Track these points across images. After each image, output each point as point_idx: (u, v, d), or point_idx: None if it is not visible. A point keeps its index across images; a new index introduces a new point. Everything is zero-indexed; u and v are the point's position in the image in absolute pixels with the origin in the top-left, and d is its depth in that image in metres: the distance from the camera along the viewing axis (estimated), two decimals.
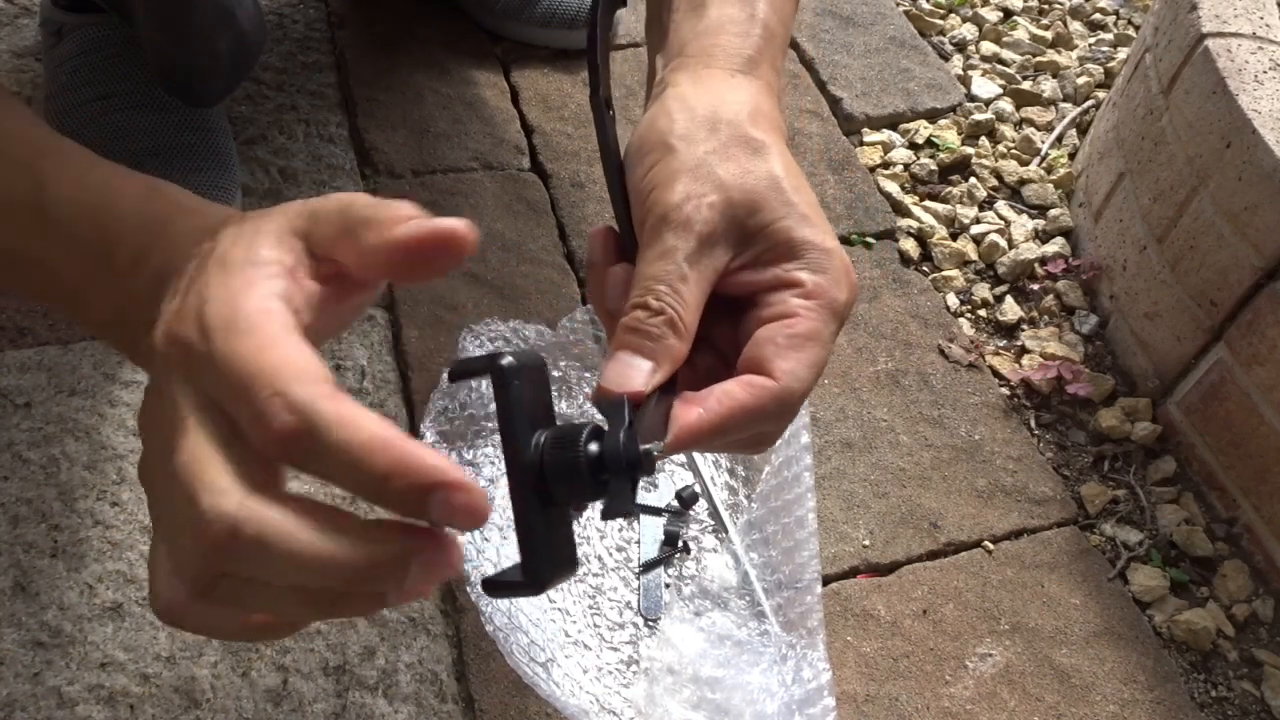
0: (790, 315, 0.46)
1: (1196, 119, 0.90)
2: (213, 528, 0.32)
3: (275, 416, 0.32)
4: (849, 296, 0.47)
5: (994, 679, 0.78)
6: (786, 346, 0.45)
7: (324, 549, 0.33)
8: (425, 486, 0.32)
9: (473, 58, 1.17)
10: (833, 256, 0.47)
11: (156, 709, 0.67)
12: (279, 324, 0.35)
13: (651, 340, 0.44)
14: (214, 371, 0.34)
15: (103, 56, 0.93)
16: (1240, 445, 0.87)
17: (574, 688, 0.71)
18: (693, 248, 0.45)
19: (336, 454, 0.32)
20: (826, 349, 0.46)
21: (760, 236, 0.47)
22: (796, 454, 0.83)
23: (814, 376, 0.45)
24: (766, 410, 0.44)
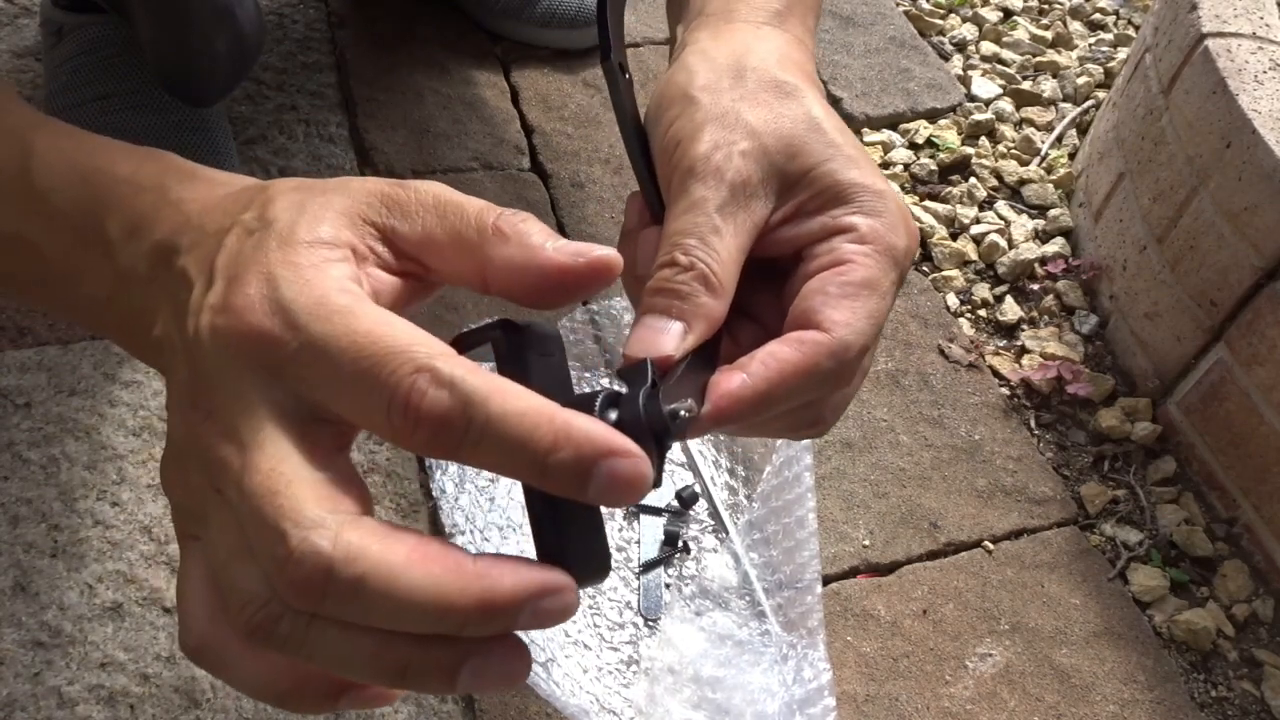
0: (843, 262, 0.40)
1: (1196, 119, 0.90)
2: (302, 568, 0.28)
3: (425, 395, 0.28)
4: (908, 243, 0.42)
5: (994, 679, 0.78)
6: (839, 296, 0.39)
7: (432, 589, 0.28)
8: (592, 457, 0.29)
9: (473, 58, 1.17)
10: (887, 199, 0.42)
11: (156, 709, 0.67)
12: (376, 306, 0.31)
13: (680, 299, 0.39)
14: (318, 360, 0.29)
15: (103, 56, 0.93)
16: (1240, 445, 0.87)
17: (574, 688, 0.71)
18: (725, 198, 0.40)
19: (497, 430, 0.28)
20: (886, 301, 0.40)
21: (802, 183, 0.42)
22: (796, 454, 0.83)
23: (873, 330, 0.40)
24: (821, 369, 0.38)
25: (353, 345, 0.29)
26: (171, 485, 0.33)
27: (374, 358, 0.29)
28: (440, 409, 0.28)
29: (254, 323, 0.30)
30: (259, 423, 0.30)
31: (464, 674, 0.29)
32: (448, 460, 0.30)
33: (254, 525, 0.29)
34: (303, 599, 0.28)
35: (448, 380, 0.28)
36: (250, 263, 0.31)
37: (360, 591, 0.28)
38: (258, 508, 0.28)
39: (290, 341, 0.30)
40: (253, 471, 0.29)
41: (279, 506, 0.28)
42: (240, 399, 0.30)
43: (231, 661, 0.31)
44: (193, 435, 0.31)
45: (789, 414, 0.40)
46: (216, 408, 0.31)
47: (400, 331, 0.29)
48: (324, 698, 0.32)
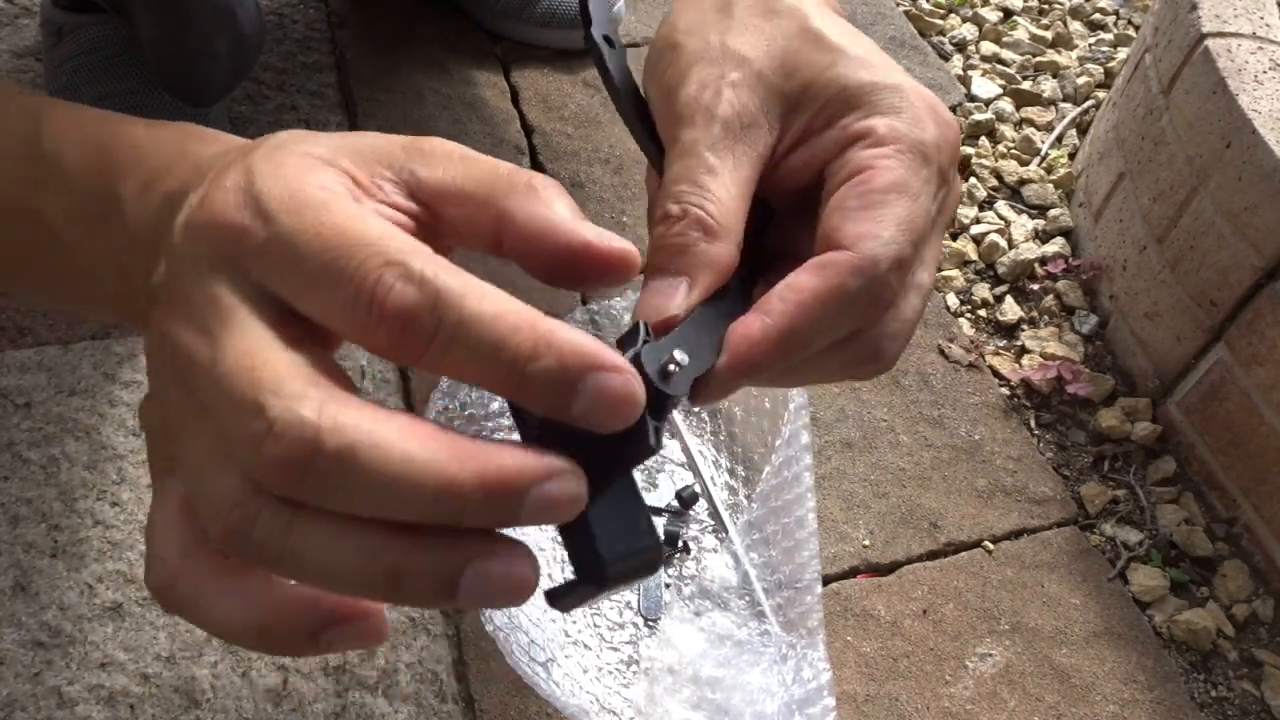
0: (862, 169, 0.36)
1: (1196, 119, 0.90)
2: (284, 440, 0.25)
3: (391, 289, 0.26)
4: (939, 134, 0.37)
5: (994, 679, 0.78)
6: (860, 207, 0.35)
7: (429, 462, 0.25)
8: (578, 368, 0.26)
9: (473, 58, 1.17)
10: (905, 92, 0.37)
11: (156, 709, 0.67)
12: (354, 203, 0.28)
13: (679, 252, 0.35)
14: (284, 253, 0.27)
15: (103, 56, 0.93)
16: (1240, 445, 0.87)
17: (574, 687, 0.71)
18: (717, 135, 0.36)
19: (469, 331, 0.26)
20: (920, 203, 0.35)
21: (806, 98, 0.37)
22: (796, 454, 0.83)
23: (906, 237, 0.35)
24: (848, 292, 0.34)
25: (318, 238, 0.27)
26: (149, 417, 0.31)
27: (340, 249, 0.26)
28: (406, 303, 0.26)
29: (223, 215, 0.28)
30: (229, 312, 0.27)
31: (466, 580, 0.26)
32: (420, 369, 0.28)
33: (228, 409, 0.26)
34: (284, 479, 0.25)
35: (418, 276, 0.26)
36: (234, 164, 0.30)
37: (349, 466, 0.25)
38: (231, 387, 0.26)
39: (258, 233, 0.28)
40: (225, 353, 0.27)
41: (256, 379, 0.26)
42: (208, 290, 0.28)
43: (203, 597, 0.29)
44: (166, 343, 0.29)
45: (838, 349, 0.36)
46: (186, 303, 0.28)
47: (373, 226, 0.27)
48: (306, 634, 0.29)
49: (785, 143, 0.38)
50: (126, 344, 0.84)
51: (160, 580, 0.29)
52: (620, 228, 1.02)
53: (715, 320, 0.35)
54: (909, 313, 0.37)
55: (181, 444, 0.28)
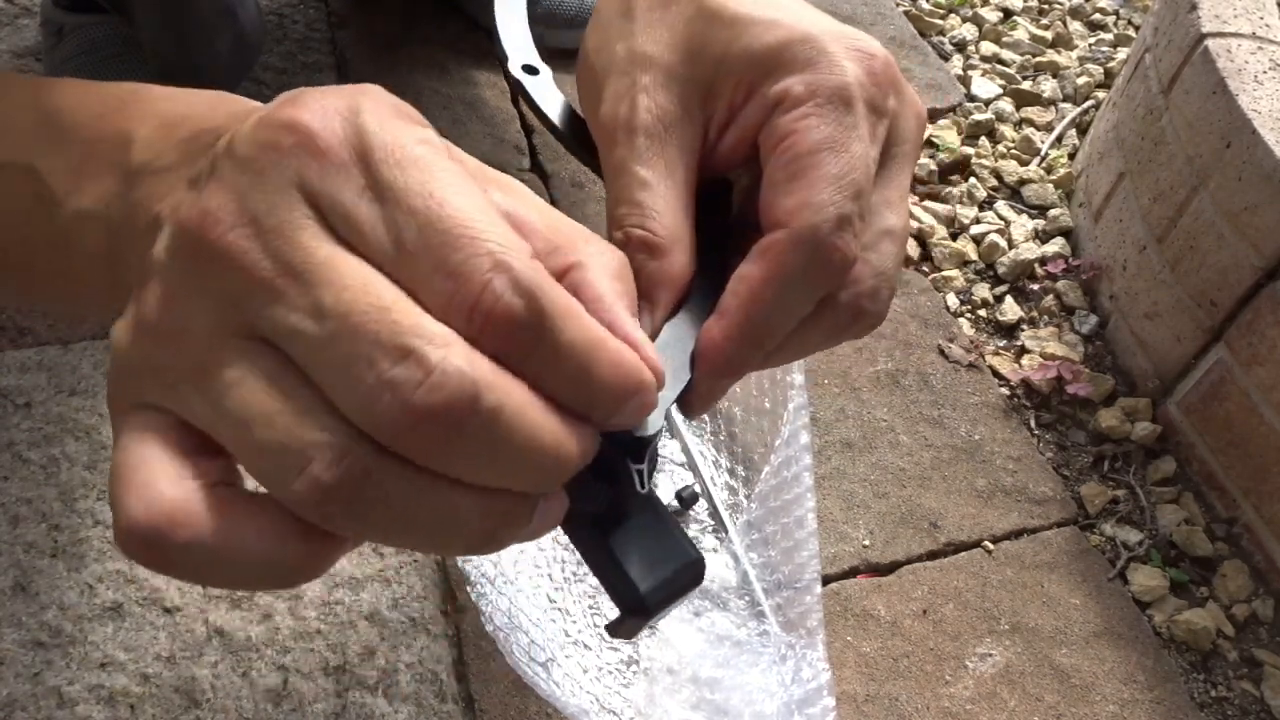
0: (785, 137, 0.34)
1: (1196, 119, 0.90)
2: (443, 391, 0.23)
3: (499, 298, 0.24)
4: (860, 70, 0.35)
5: (994, 679, 0.78)
6: (788, 178, 0.33)
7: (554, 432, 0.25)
8: (633, 390, 0.26)
9: (473, 58, 1.17)
10: (817, 40, 0.35)
11: (156, 709, 0.67)
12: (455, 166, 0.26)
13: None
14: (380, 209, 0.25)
15: (103, 56, 0.93)
16: (1240, 445, 0.87)
17: (574, 687, 0.71)
18: (641, 146, 0.35)
19: (562, 352, 0.25)
20: (850, 151, 0.34)
21: (720, 78, 0.36)
22: (796, 454, 0.83)
23: (842, 194, 0.33)
24: (793, 269, 0.33)
25: (424, 209, 0.24)
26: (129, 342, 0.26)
27: (450, 233, 0.24)
28: (512, 316, 0.24)
29: (317, 130, 0.25)
30: (318, 242, 0.24)
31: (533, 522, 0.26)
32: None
33: (354, 348, 0.23)
34: (426, 432, 0.23)
35: (526, 288, 0.24)
36: (326, 89, 0.27)
37: (494, 427, 0.23)
38: (361, 324, 0.23)
39: (354, 173, 0.25)
40: (340, 286, 0.24)
41: (395, 321, 0.23)
42: (291, 213, 0.25)
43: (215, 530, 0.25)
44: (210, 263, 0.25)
45: (815, 321, 0.35)
46: (255, 219, 0.25)
47: (476, 207, 0.25)
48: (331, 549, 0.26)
49: (714, 128, 0.36)
50: None
51: (142, 517, 0.24)
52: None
53: (685, 332, 0.34)
54: (885, 263, 0.36)
55: (218, 385, 0.25)
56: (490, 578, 0.75)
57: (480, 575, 0.75)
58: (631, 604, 0.29)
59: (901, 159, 0.37)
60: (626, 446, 0.29)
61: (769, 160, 0.34)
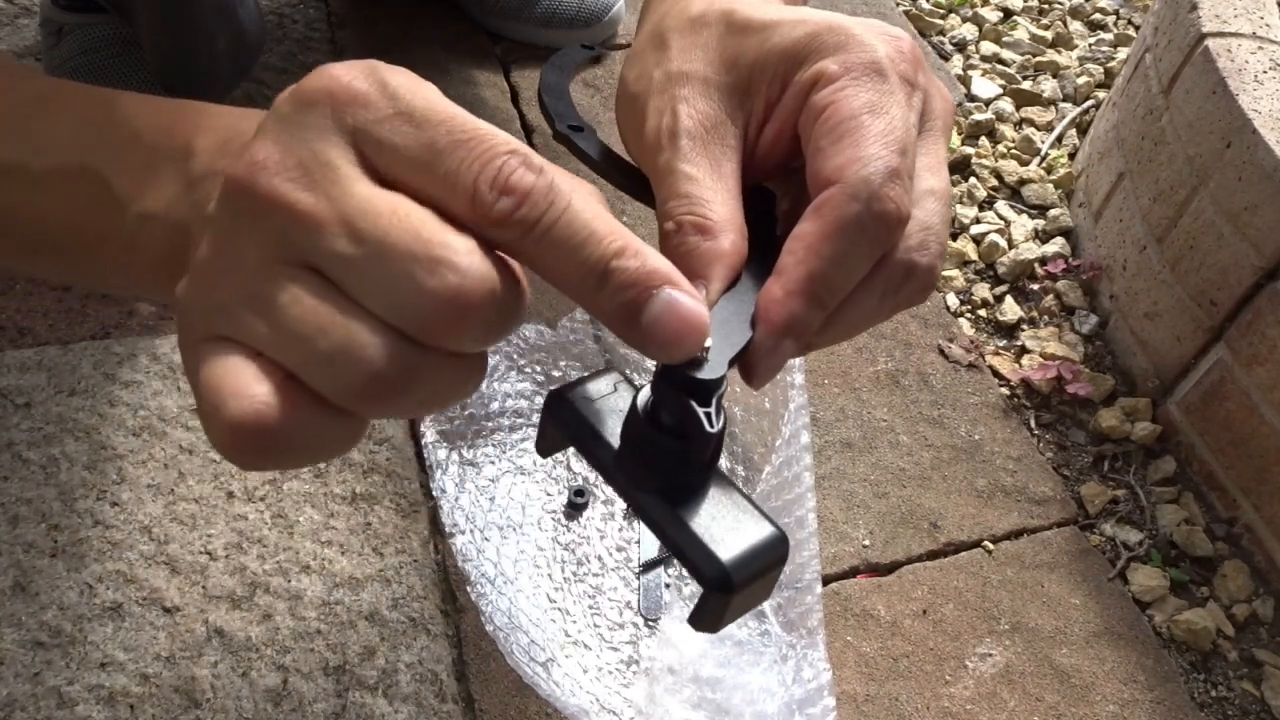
0: (822, 109, 0.36)
1: (1196, 119, 0.90)
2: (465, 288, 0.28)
3: (515, 170, 0.29)
4: (890, 47, 0.37)
5: (994, 679, 0.78)
6: (830, 143, 0.35)
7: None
8: (659, 278, 0.29)
9: (473, 58, 1.17)
10: (843, 28, 0.37)
11: (156, 709, 0.67)
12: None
13: (685, 258, 0.36)
14: (409, 126, 0.29)
15: (103, 56, 0.93)
16: (1240, 445, 0.87)
17: (574, 687, 0.71)
18: (685, 147, 0.37)
19: (574, 219, 0.29)
20: (890, 113, 0.35)
21: (755, 78, 0.38)
22: (796, 454, 0.83)
23: (888, 149, 0.34)
24: (851, 220, 0.33)
25: (451, 119, 0.29)
26: (196, 294, 0.30)
27: (471, 133, 0.29)
28: (526, 184, 0.29)
29: (346, 82, 0.29)
30: (357, 175, 0.29)
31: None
32: (512, 249, 0.30)
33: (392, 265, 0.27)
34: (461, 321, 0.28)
35: (538, 165, 0.29)
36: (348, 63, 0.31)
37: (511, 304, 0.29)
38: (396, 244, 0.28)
39: (385, 107, 0.29)
40: (375, 214, 0.28)
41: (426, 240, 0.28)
42: (325, 153, 0.29)
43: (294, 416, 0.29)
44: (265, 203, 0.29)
45: (871, 282, 0.35)
46: (298, 165, 0.29)
47: (483, 122, 0.30)
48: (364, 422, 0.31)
49: (753, 125, 0.39)
50: (126, 344, 0.84)
51: (251, 410, 0.28)
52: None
53: (741, 306, 0.35)
54: (931, 219, 0.36)
55: (274, 311, 0.28)
56: (490, 578, 0.75)
57: (480, 575, 0.75)
58: (715, 577, 0.28)
59: (936, 132, 0.38)
60: (689, 388, 0.31)
61: (810, 134, 0.36)
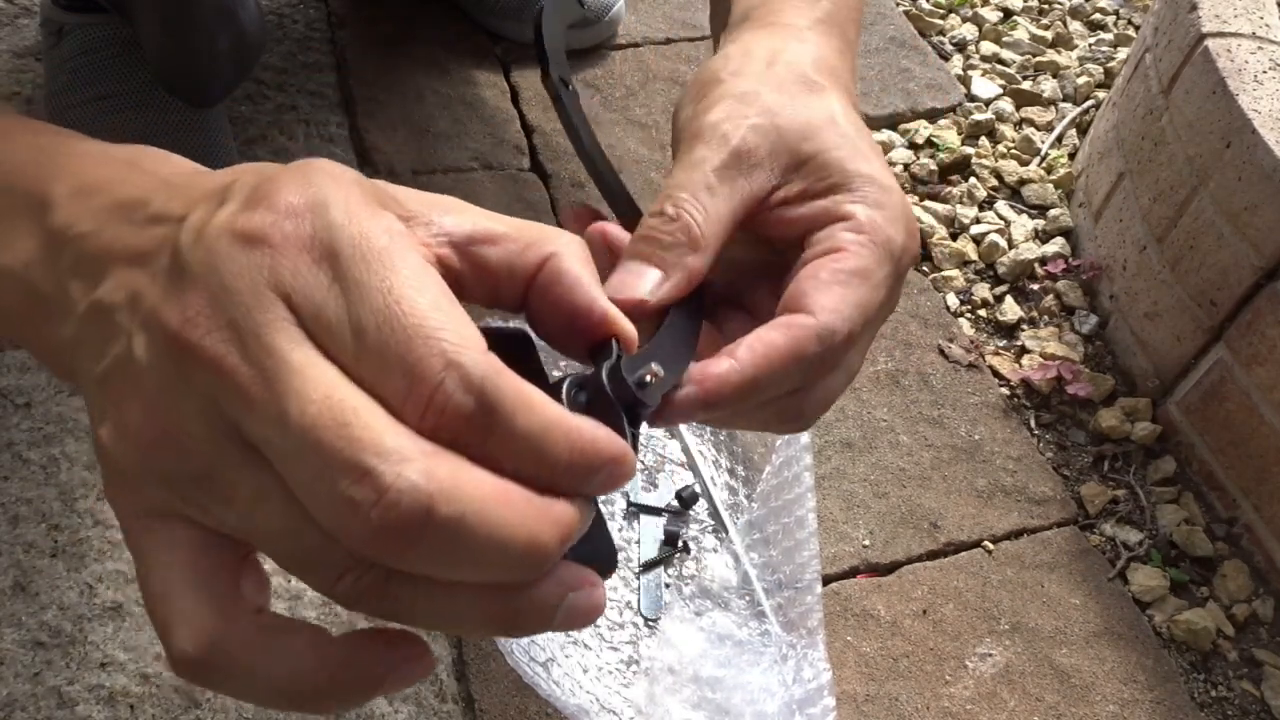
0: (838, 249, 0.40)
1: (1196, 119, 0.90)
2: (397, 510, 0.24)
3: (450, 397, 0.25)
4: (906, 241, 0.41)
5: (994, 679, 0.78)
6: (830, 282, 0.39)
7: (518, 527, 0.25)
8: (597, 466, 0.27)
9: (473, 58, 1.17)
10: (891, 194, 0.42)
11: (156, 709, 0.67)
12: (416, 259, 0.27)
13: (662, 248, 0.39)
14: (343, 311, 0.26)
15: (103, 56, 0.93)
16: (1240, 445, 0.87)
17: (574, 687, 0.71)
18: (725, 160, 0.40)
19: (515, 442, 0.26)
20: (877, 292, 0.40)
21: (810, 166, 0.42)
22: (796, 454, 0.83)
23: (860, 318, 0.39)
24: (807, 354, 0.37)
25: (384, 306, 0.25)
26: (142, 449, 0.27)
27: (403, 333, 0.25)
28: (462, 414, 0.25)
29: (290, 240, 0.26)
30: (293, 345, 0.25)
31: (562, 610, 0.27)
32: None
33: (317, 465, 0.24)
34: (389, 549, 0.24)
35: (477, 385, 0.25)
36: (284, 179, 0.27)
37: (459, 533, 0.24)
38: (321, 441, 0.24)
39: (325, 272, 0.26)
40: (305, 399, 0.24)
41: (354, 438, 0.24)
42: (266, 315, 0.25)
43: (257, 659, 0.27)
44: (193, 367, 0.25)
45: (772, 404, 0.40)
46: (241, 328, 0.25)
47: (431, 302, 0.26)
48: (373, 682, 0.28)
49: (779, 194, 0.42)
50: None
51: (197, 646, 0.26)
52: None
53: (682, 335, 0.38)
54: (835, 386, 0.42)
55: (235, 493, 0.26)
56: None
57: None
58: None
59: (878, 322, 0.43)
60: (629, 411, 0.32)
61: (814, 258, 0.40)
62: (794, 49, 0.45)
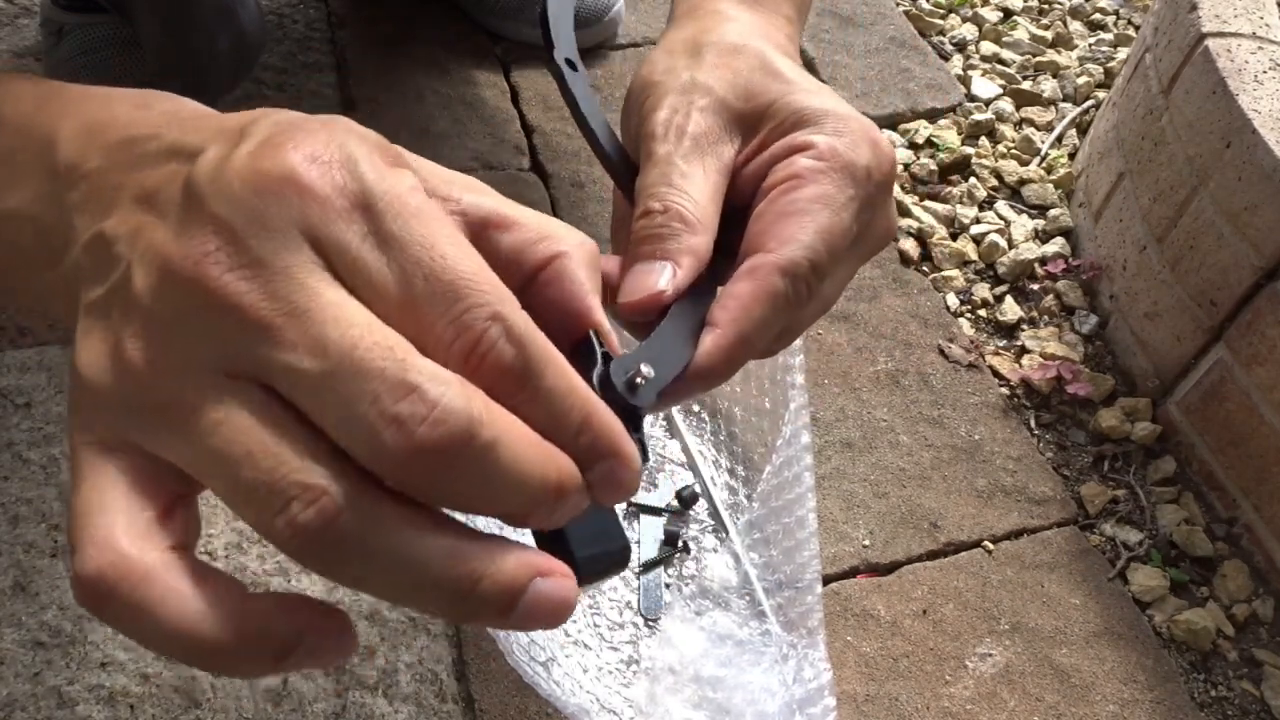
0: (794, 177, 0.40)
1: (1196, 119, 0.90)
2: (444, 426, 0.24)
3: (493, 345, 0.26)
4: (872, 161, 0.41)
5: (994, 679, 0.78)
6: (787, 213, 0.39)
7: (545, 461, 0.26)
8: (605, 452, 0.28)
9: (473, 58, 1.17)
10: (849, 121, 0.42)
11: (156, 709, 0.67)
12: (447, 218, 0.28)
13: (662, 240, 0.39)
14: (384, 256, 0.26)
15: (103, 56, 0.93)
16: (1240, 445, 0.87)
17: (574, 687, 0.71)
18: (687, 148, 0.41)
19: (542, 400, 0.27)
20: (841, 215, 0.39)
21: (764, 116, 0.42)
22: (797, 454, 0.83)
23: (824, 245, 0.39)
24: (776, 291, 0.38)
25: (428, 260, 0.26)
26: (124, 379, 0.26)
27: (450, 286, 0.26)
28: (503, 363, 0.26)
29: (321, 184, 0.26)
30: (324, 284, 0.25)
31: (528, 596, 0.26)
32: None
33: (359, 386, 0.24)
34: (425, 466, 0.24)
35: (518, 336, 0.26)
36: (308, 126, 0.27)
37: (491, 459, 0.25)
38: (365, 360, 0.24)
39: (360, 223, 0.26)
40: (347, 324, 0.24)
41: (400, 359, 0.24)
42: (295, 256, 0.25)
43: (154, 596, 0.25)
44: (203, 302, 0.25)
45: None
46: (268, 266, 0.25)
47: (472, 260, 0.27)
48: (274, 651, 0.26)
49: (744, 155, 0.43)
50: None
51: (96, 569, 0.25)
52: None
53: (682, 326, 0.38)
54: (805, 319, 0.42)
55: (202, 419, 0.25)
56: None
57: None
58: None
59: (863, 250, 0.43)
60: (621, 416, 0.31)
61: (774, 188, 0.40)
62: (717, 30, 0.46)
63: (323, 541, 0.24)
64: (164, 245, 0.26)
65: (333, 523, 0.24)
